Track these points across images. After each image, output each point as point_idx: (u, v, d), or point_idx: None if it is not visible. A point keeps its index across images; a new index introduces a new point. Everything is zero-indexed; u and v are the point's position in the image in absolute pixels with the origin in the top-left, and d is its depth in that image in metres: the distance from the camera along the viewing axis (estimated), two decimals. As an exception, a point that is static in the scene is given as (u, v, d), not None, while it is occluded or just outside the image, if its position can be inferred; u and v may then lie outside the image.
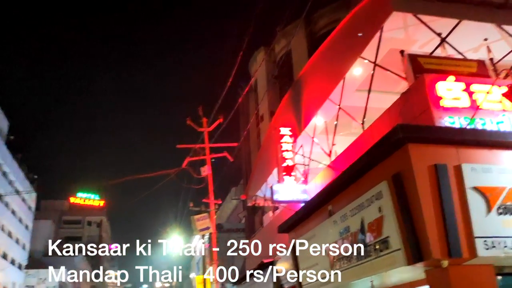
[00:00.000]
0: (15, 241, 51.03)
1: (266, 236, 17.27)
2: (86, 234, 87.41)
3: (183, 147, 18.29)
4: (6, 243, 47.40)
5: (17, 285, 51.10)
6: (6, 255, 47.41)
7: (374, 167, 7.39)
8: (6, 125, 48.16)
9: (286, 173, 12.51)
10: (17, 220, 51.93)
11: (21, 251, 53.63)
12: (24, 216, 54.76)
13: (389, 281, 8.08)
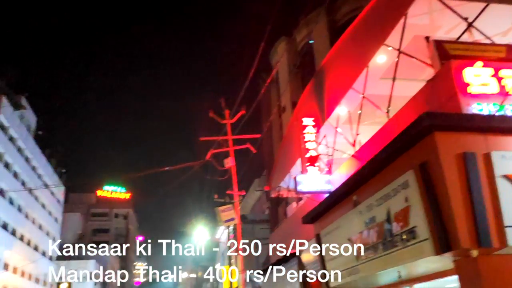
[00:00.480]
0: (45, 233, 52.52)
1: (290, 227, 17.28)
2: (114, 226, 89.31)
3: (206, 140, 18.42)
4: (37, 236, 48.85)
5: (48, 276, 52.67)
6: (37, 247, 48.89)
7: (400, 157, 7.28)
8: (34, 121, 49.39)
9: (309, 164, 12.45)
10: (47, 213, 53.39)
11: (52, 243, 55.15)
12: (54, 209, 56.25)
13: (416, 271, 8.00)
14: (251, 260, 26.81)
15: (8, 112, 39.21)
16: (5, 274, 38.67)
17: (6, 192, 39.11)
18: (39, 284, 48.31)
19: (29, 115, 47.14)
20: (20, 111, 43.10)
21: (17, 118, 42.41)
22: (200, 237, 28.15)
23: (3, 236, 38.69)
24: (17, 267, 41.45)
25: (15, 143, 41.91)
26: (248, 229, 28.29)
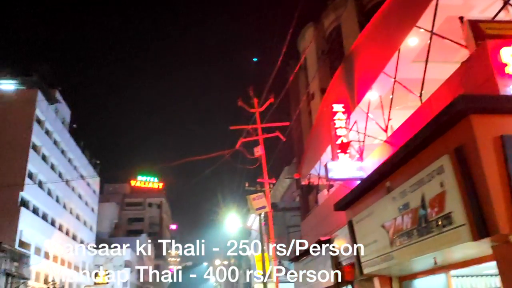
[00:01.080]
0: (83, 223, 54.26)
1: (321, 214, 17.25)
2: (148, 215, 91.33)
3: (236, 128, 18.51)
4: (75, 225, 50.56)
5: (87, 264, 54.53)
6: (75, 237, 50.63)
7: (434, 141, 7.12)
8: (68, 114, 50.77)
9: (340, 151, 12.33)
10: (84, 203, 55.09)
11: (89, 233, 57.01)
12: (90, 199, 57.97)
13: (453, 257, 7.86)
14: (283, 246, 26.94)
15: (43, 106, 40.45)
16: (46, 263, 40.28)
17: (44, 184, 40.56)
18: (78, 272, 50.08)
19: (63, 108, 48.49)
20: (54, 105, 44.40)
21: (52, 112, 43.72)
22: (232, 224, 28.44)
23: (43, 226, 40.23)
24: (57, 256, 43.05)
25: (51, 136, 43.28)
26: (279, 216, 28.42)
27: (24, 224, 35.42)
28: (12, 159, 35.54)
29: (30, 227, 36.56)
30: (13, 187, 33.60)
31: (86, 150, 56.01)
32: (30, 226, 36.50)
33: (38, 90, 39.71)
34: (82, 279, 51.06)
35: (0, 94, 38.97)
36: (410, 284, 10.09)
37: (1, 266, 29.56)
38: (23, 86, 40.77)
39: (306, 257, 16.88)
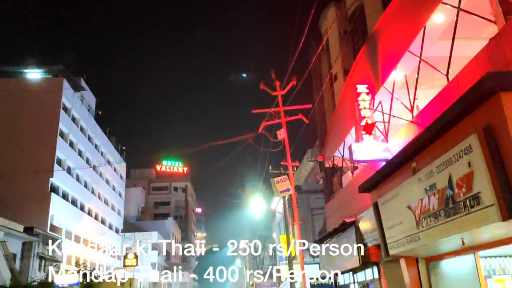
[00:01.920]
0: (111, 207, 55.56)
1: (346, 196, 17.20)
2: (174, 199, 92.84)
3: (258, 112, 18.47)
4: (103, 210, 51.84)
5: (116, 247, 56.00)
6: (104, 221, 51.95)
7: (462, 120, 6.97)
8: (94, 101, 51.63)
9: (365, 132, 12.20)
10: (111, 188, 56.33)
11: (117, 217, 58.40)
12: (117, 184, 59.22)
13: (481, 238, 7.75)
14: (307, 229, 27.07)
15: (69, 94, 41.23)
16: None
17: (72, 170, 41.60)
18: (107, 255, 51.51)
19: (89, 96, 49.31)
20: (80, 93, 45.19)
21: (78, 100, 44.53)
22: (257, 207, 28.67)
23: (73, 211, 41.41)
24: (87, 239, 44.35)
25: (77, 123, 44.19)
26: (303, 199, 28.49)
27: (55, 209, 36.53)
28: (41, 147, 36.52)
29: (61, 212, 37.68)
30: (43, 174, 34.60)
31: (112, 136, 57.02)
32: (60, 211, 37.63)
33: (63, 78, 40.48)
34: (111, 262, 52.53)
35: (27, 83, 39.91)
36: (437, 265, 10.02)
37: (34, 250, 30.66)
38: (49, 75, 41.63)
39: (330, 239, 16.92)
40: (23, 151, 35.79)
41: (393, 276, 11.46)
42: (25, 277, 28.27)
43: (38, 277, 28.39)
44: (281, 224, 34.30)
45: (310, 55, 24.31)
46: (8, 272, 26.57)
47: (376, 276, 12.94)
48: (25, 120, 37.01)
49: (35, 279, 27.52)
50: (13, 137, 36.16)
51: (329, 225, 19.72)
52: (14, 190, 33.74)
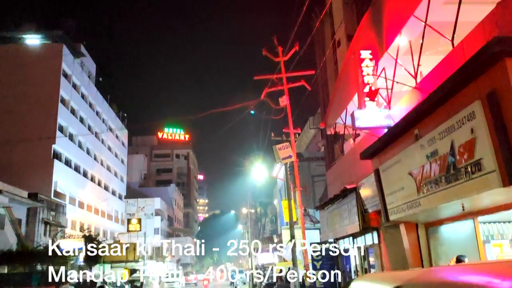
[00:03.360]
0: (113, 174, 55.99)
1: (347, 163, 17.28)
2: (175, 166, 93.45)
3: (260, 78, 18.33)
4: (106, 176, 52.27)
5: (119, 213, 56.83)
6: (107, 187, 52.48)
7: (466, 87, 6.92)
8: (94, 68, 51.17)
9: (368, 98, 12.13)
10: (113, 155, 56.59)
11: (120, 183, 58.94)
12: (119, 151, 59.45)
13: (481, 203, 7.84)
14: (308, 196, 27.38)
15: (69, 60, 40.83)
16: (81, 212, 42.19)
17: (75, 137, 41.71)
18: (111, 221, 52.34)
19: (89, 62, 48.83)
20: (80, 59, 44.74)
21: (78, 66, 44.13)
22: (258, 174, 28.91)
23: (76, 177, 41.78)
24: (91, 205, 44.95)
25: (78, 90, 43.96)
26: (304, 166, 28.69)
27: (58, 176, 36.86)
28: (43, 113, 36.48)
29: (64, 179, 38.04)
30: (45, 140, 34.70)
31: (113, 103, 56.83)
32: (63, 177, 37.97)
33: (63, 44, 39.97)
34: (115, 227, 53.44)
35: (26, 49, 39.47)
36: (436, 230, 10.18)
37: (39, 215, 31.16)
38: (48, 41, 41.08)
39: (331, 205, 17.12)
40: (24, 117, 35.79)
41: (392, 241, 11.67)
42: (31, 241, 28.83)
43: (43, 242, 28.98)
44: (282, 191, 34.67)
45: (313, 21, 23.88)
46: (14, 237, 27.10)
47: (376, 241, 13.17)
48: (26, 86, 36.80)
49: (40, 244, 28.10)
50: (14, 104, 36.08)
51: (330, 192, 19.91)
52: (18, 157, 33.96)
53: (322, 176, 26.70)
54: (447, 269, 1.72)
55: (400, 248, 10.90)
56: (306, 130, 34.94)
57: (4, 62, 37.27)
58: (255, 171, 27.92)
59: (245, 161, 32.83)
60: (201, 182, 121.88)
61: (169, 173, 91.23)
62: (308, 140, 36.65)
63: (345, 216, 15.07)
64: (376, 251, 13.35)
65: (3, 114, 35.63)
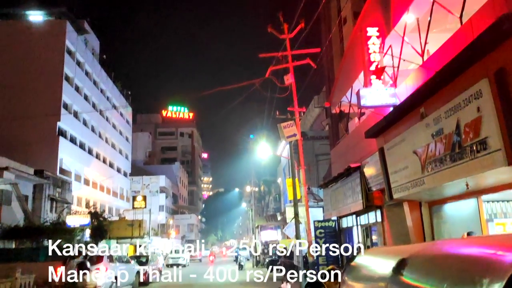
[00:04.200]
0: (118, 152, 56.26)
1: (351, 142, 17.28)
2: (180, 145, 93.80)
3: (265, 56, 18.18)
4: (111, 154, 52.55)
5: (124, 190, 57.33)
6: (112, 164, 52.81)
7: (474, 64, 6.84)
8: (98, 45, 50.86)
9: (374, 76, 12.03)
10: (118, 133, 56.75)
11: (125, 161, 59.27)
12: (124, 129, 59.60)
13: (485, 182, 7.85)
14: (312, 174, 27.48)
15: (72, 37, 40.57)
16: (87, 189, 42.59)
17: (79, 114, 41.79)
18: (116, 198, 52.85)
19: (92, 39, 48.51)
20: (83, 36, 44.43)
21: (82, 43, 43.87)
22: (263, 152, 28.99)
23: (81, 154, 42.04)
24: (96, 182, 45.34)
25: (82, 67, 43.80)
26: (308, 145, 28.68)
27: (64, 153, 37.10)
28: (47, 90, 36.49)
29: (69, 156, 38.29)
30: (51, 117, 34.82)
31: (117, 81, 56.66)
32: (69, 154, 38.22)
33: (66, 20, 39.67)
34: (121, 204, 53.99)
35: (30, 26, 39.21)
36: (440, 208, 10.23)
37: (45, 192, 31.50)
38: (51, 17, 40.77)
39: (335, 184, 17.20)
40: (29, 95, 35.81)
41: (396, 219, 11.75)
42: (38, 218, 29.22)
43: (50, 218, 29.38)
44: (286, 170, 34.79)
45: (319, -3, 23.54)
46: (21, 213, 27.47)
47: (379, 219, 13.26)
48: (30, 63, 36.71)
49: (47, 220, 28.50)
50: (19, 81, 36.06)
51: (334, 170, 19.96)
52: (23, 134, 34.13)
53: (326, 155, 26.73)
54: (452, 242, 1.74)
55: (403, 226, 10.98)
56: (311, 109, 34.82)
57: (7, 38, 37.08)
58: (260, 150, 27.98)
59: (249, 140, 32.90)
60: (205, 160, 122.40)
61: (173, 151, 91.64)
62: (312, 119, 36.56)
63: (349, 195, 15.15)
64: (379, 229, 13.46)
65: (8, 91, 35.67)
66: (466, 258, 1.28)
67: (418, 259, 1.52)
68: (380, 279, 1.74)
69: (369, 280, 1.94)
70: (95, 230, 30.61)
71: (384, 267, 1.72)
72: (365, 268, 2.08)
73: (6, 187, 26.50)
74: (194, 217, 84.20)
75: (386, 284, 1.63)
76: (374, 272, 1.86)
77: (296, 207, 15.99)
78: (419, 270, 1.45)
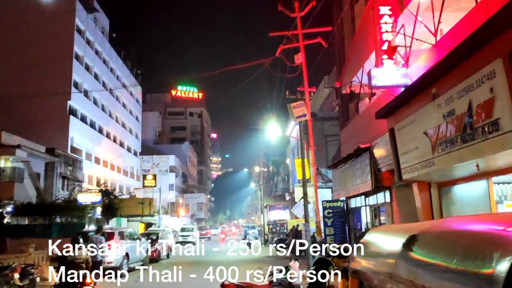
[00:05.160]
0: (128, 131, 56.62)
1: (361, 122, 17.19)
2: (189, 124, 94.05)
3: (275, 35, 18.03)
4: (121, 133, 52.91)
5: (135, 169, 57.86)
6: (123, 143, 53.22)
7: (488, 44, 6.73)
8: (107, 24, 50.69)
9: (386, 56, 11.88)
10: (128, 112, 57.01)
11: (135, 140, 59.68)
12: (133, 108, 59.83)
13: (496, 164, 7.80)
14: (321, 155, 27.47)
15: (82, 15, 40.45)
16: (98, 167, 43.06)
17: (89, 93, 41.97)
18: (127, 176, 53.40)
19: (102, 17, 48.33)
20: (93, 14, 44.27)
21: (91, 21, 43.74)
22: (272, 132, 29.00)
23: (91, 133, 42.39)
24: (107, 161, 45.80)
25: (92, 46, 43.78)
26: (317, 126, 28.60)
27: (74, 132, 37.44)
28: (57, 69, 36.61)
29: (80, 134, 38.63)
30: (61, 96, 35.03)
31: (127, 60, 56.62)
32: (79, 133, 38.56)
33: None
34: (131, 183, 54.59)
35: (39, 4, 39.11)
36: (449, 190, 10.21)
37: (57, 170, 31.93)
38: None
39: (344, 164, 17.20)
40: (39, 73, 35.98)
41: (404, 200, 11.76)
42: (50, 195, 29.71)
43: (62, 195, 29.85)
44: (295, 151, 34.81)
45: (330, -25, 23.11)
46: (33, 190, 27.94)
47: (388, 200, 13.29)
48: (40, 42, 36.78)
49: (59, 197, 28.95)
50: (28, 60, 36.20)
51: (343, 151, 19.93)
52: (34, 113, 34.43)
53: (335, 136, 26.66)
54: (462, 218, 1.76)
55: (412, 207, 10.99)
56: (321, 89, 34.56)
57: (17, 17, 37.11)
58: (269, 130, 27.99)
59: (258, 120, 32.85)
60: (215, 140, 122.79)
61: (183, 131, 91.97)
62: (322, 100, 36.33)
63: (358, 175, 15.15)
64: (388, 210, 13.50)
65: (18, 70, 35.87)
66: (475, 234, 1.30)
67: (428, 235, 1.54)
68: (390, 255, 1.77)
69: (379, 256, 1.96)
70: (106, 208, 31.09)
71: (394, 244, 1.75)
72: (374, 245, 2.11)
73: (19, 164, 26.91)
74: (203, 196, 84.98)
75: (396, 260, 1.65)
76: (384, 249, 1.89)
77: (305, 187, 16.06)
78: (428, 246, 1.47)
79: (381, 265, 1.76)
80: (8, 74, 35.53)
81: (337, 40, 23.33)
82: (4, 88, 34.19)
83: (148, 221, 39.72)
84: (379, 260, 1.84)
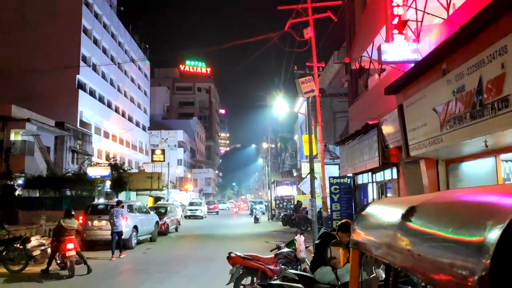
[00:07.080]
0: (137, 105, 56.76)
1: (370, 99, 17.06)
2: (197, 100, 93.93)
3: (284, 8, 17.76)
4: (129, 108, 53.07)
5: (143, 143, 58.24)
6: (131, 118, 53.46)
7: (501, 19, 6.58)
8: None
9: (397, 31, 11.68)
10: (136, 87, 57.02)
11: (143, 115, 59.88)
12: (142, 83, 59.80)
13: (504, 141, 7.74)
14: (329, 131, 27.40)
15: (90, -12, 40.10)
16: (107, 142, 43.40)
17: (98, 67, 41.95)
18: (136, 151, 53.82)
19: (110, -10, 47.87)
20: (101, -13, 43.86)
21: (99, -6, 43.38)
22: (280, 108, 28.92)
23: (101, 108, 42.57)
24: (116, 135, 46.12)
25: (100, 19, 43.52)
26: (326, 102, 28.40)
27: (83, 106, 37.61)
28: (66, 43, 36.55)
29: (89, 109, 38.82)
30: (70, 70, 35.07)
31: (135, 34, 56.30)
32: (88, 107, 38.74)
33: (83, -29, 39.11)
34: (140, 157, 55.06)
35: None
36: (457, 167, 10.18)
37: (66, 144, 32.26)
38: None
39: (352, 141, 17.16)
40: (48, 47, 35.96)
41: (411, 177, 11.77)
42: (60, 168, 30.10)
43: (71, 169, 30.24)
44: (303, 127, 34.75)
45: None
46: (44, 163, 28.31)
47: (395, 177, 13.30)
48: (48, 15, 36.61)
49: (69, 171, 29.34)
50: (36, 34, 36.12)
51: (351, 128, 19.85)
52: (43, 87, 34.60)
53: (343, 112, 26.50)
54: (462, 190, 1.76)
55: (419, 184, 11.00)
56: (330, 65, 34.20)
57: (25, -11, 36.86)
58: (277, 105, 27.89)
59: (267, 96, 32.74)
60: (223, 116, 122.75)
61: (191, 106, 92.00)
62: (331, 76, 36.00)
63: (365, 152, 15.13)
64: (394, 186, 13.52)
65: (26, 44, 35.85)
66: (472, 204, 1.30)
67: (427, 206, 1.55)
68: (389, 226, 1.78)
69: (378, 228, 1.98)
70: (115, 182, 31.48)
71: (394, 215, 1.76)
72: (374, 217, 2.13)
73: (29, 138, 27.21)
74: (211, 171, 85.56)
75: (395, 231, 1.67)
76: (383, 220, 1.91)
77: (312, 162, 16.09)
78: (426, 216, 1.49)
79: (381, 236, 1.79)
80: (17, 49, 35.56)
81: (347, 14, 22.94)
82: (14, 63, 34.29)
83: (157, 195, 40.22)
84: (378, 232, 1.86)
